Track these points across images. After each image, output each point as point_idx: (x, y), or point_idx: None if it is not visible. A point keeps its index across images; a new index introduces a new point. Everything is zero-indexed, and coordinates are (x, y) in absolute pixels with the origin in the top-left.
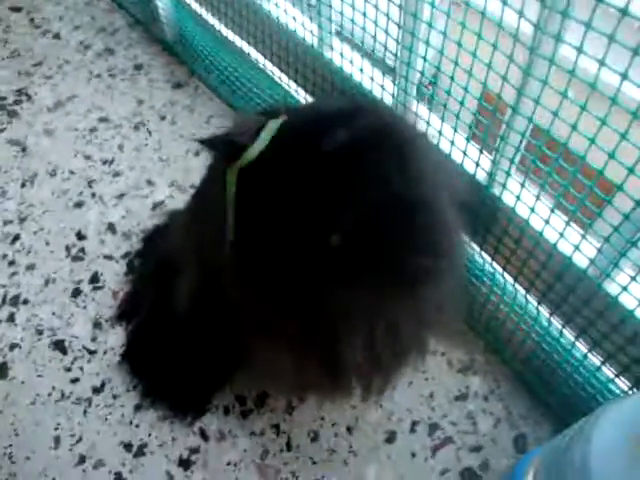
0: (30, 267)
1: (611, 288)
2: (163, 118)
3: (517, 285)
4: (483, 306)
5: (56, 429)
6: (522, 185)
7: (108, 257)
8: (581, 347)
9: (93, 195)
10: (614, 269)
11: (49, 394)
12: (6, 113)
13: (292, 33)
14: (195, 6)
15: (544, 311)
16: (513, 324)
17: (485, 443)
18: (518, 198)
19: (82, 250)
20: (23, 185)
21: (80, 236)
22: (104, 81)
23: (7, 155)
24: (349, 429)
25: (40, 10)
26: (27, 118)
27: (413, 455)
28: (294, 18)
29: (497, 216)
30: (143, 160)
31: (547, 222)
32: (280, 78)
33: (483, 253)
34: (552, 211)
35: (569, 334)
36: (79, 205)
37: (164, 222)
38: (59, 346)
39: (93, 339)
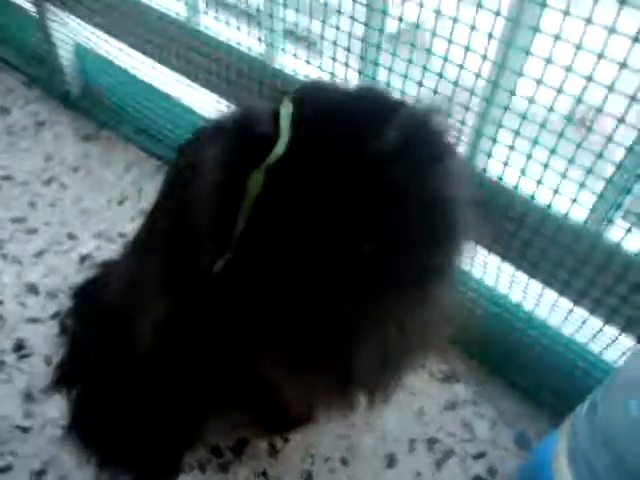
0: None
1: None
2: (76, 170)
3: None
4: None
5: None
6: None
7: (33, 320)
8: (567, 329)
9: (4, 256)
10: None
11: None
12: None
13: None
14: (102, 50)
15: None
16: (490, 320)
17: (487, 448)
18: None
19: (0, 316)
20: None
21: None
22: (3, 141)
23: None
24: (344, 461)
25: None
26: None
27: (418, 475)
28: None
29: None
30: (60, 215)
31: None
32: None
33: None
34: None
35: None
36: None
37: (97, 274)
38: None
39: (26, 415)
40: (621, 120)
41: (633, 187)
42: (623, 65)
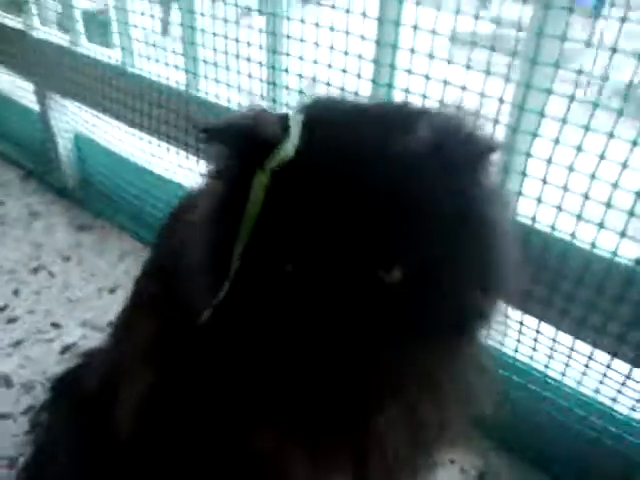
0: None
1: None
2: (67, 260)
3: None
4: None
5: None
6: None
7: (1, 416)
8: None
9: None
10: None
11: None
12: None
13: None
14: (100, 136)
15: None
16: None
17: None
18: None
19: None
20: None
21: None
22: None
23: None
24: None
25: None
26: None
27: None
28: None
29: None
30: (46, 303)
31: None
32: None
33: None
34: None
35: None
36: None
37: (78, 363)
38: None
39: None
40: None
41: None
42: None
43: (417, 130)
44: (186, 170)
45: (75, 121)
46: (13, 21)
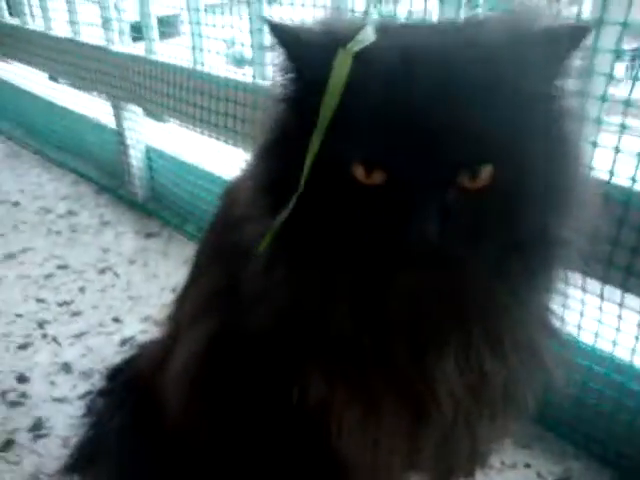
0: None
1: None
2: (133, 262)
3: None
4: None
5: None
6: None
7: (59, 400)
8: None
9: (44, 336)
10: None
11: None
12: None
13: None
14: (171, 148)
15: None
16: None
17: None
18: None
19: (23, 395)
20: None
21: (22, 379)
22: (65, 235)
23: None
24: None
25: (0, 185)
26: None
27: None
28: None
29: None
30: (109, 300)
31: None
32: None
33: None
34: None
35: None
36: (24, 347)
37: (135, 354)
38: None
39: None
40: None
41: None
42: None
43: (495, 26)
44: None
45: (147, 134)
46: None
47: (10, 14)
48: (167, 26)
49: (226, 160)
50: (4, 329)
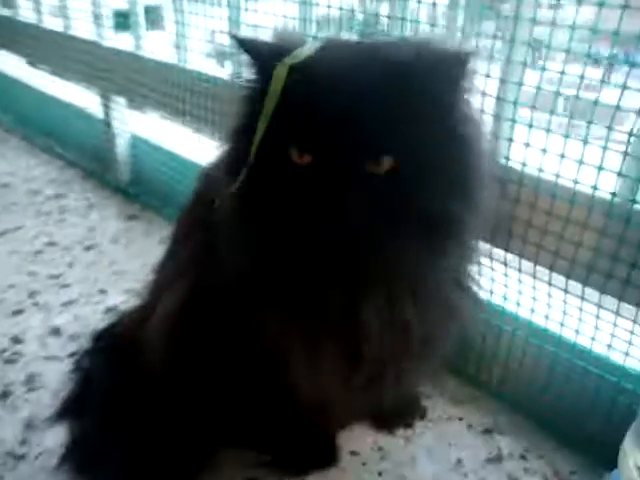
0: None
1: None
2: (116, 241)
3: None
4: (493, 358)
5: None
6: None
7: (50, 358)
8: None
9: (36, 304)
10: None
11: None
12: None
13: None
14: (154, 137)
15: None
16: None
17: None
18: None
19: (17, 353)
20: None
21: (17, 340)
22: (54, 216)
23: None
24: None
25: None
26: None
27: None
28: None
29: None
30: (94, 274)
31: None
32: None
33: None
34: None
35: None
36: (18, 313)
37: (118, 319)
38: None
39: (22, 442)
40: None
41: None
42: None
43: (404, 47)
44: None
45: (132, 124)
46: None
47: (2, 6)
48: (153, 15)
49: (203, 149)
50: None
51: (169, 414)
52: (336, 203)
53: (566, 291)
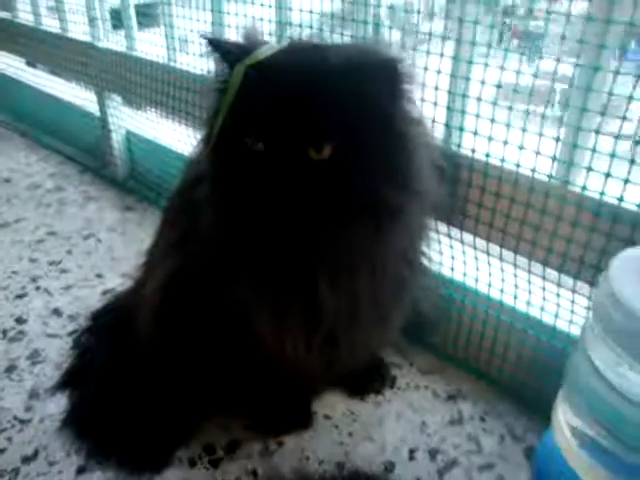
0: None
1: None
2: (113, 231)
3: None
4: (458, 331)
5: None
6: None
7: (52, 335)
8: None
9: (37, 288)
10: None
11: None
12: None
13: None
14: (148, 132)
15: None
16: (492, 334)
17: (495, 460)
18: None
19: (21, 332)
20: None
21: (20, 320)
22: (53, 207)
23: None
24: (339, 465)
25: None
26: None
27: None
28: None
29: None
30: (92, 260)
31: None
32: None
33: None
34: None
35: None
36: (21, 296)
37: (113, 299)
38: None
39: (27, 409)
40: None
41: None
42: None
43: (346, 51)
44: None
45: (127, 120)
46: (82, 35)
47: (1, 8)
48: (145, 15)
49: (194, 143)
50: (2, 283)
51: (159, 381)
52: (282, 185)
53: (515, 265)
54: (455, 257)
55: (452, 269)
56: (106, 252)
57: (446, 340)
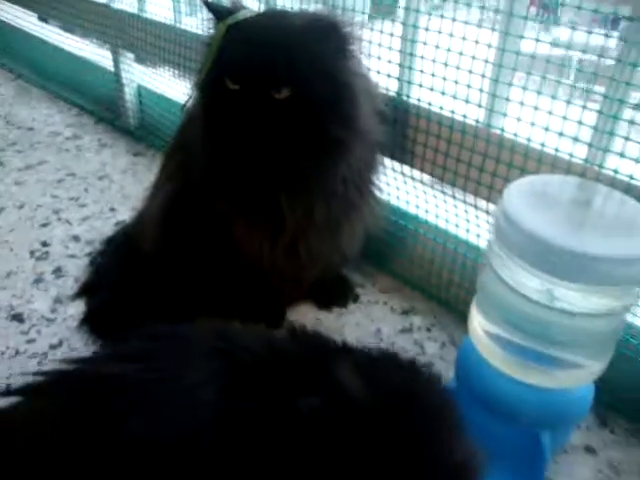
0: None
1: None
2: (125, 172)
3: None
4: (412, 256)
5: (8, 378)
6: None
7: (72, 256)
8: None
9: (59, 219)
10: None
11: (2, 353)
12: None
13: None
14: (157, 87)
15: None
16: (440, 258)
17: (435, 361)
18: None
19: (46, 253)
20: None
21: (45, 244)
22: (72, 153)
23: None
24: None
25: (16, 115)
26: None
27: None
28: None
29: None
30: (106, 197)
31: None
32: None
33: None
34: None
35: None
36: (45, 225)
37: (122, 229)
38: (17, 317)
39: (52, 310)
40: None
41: None
42: None
43: (303, 15)
44: None
45: (139, 75)
46: None
47: None
48: None
49: None
50: (29, 214)
51: (158, 286)
52: (252, 115)
53: (454, 197)
54: (409, 192)
55: (407, 202)
56: (118, 190)
57: (403, 264)
